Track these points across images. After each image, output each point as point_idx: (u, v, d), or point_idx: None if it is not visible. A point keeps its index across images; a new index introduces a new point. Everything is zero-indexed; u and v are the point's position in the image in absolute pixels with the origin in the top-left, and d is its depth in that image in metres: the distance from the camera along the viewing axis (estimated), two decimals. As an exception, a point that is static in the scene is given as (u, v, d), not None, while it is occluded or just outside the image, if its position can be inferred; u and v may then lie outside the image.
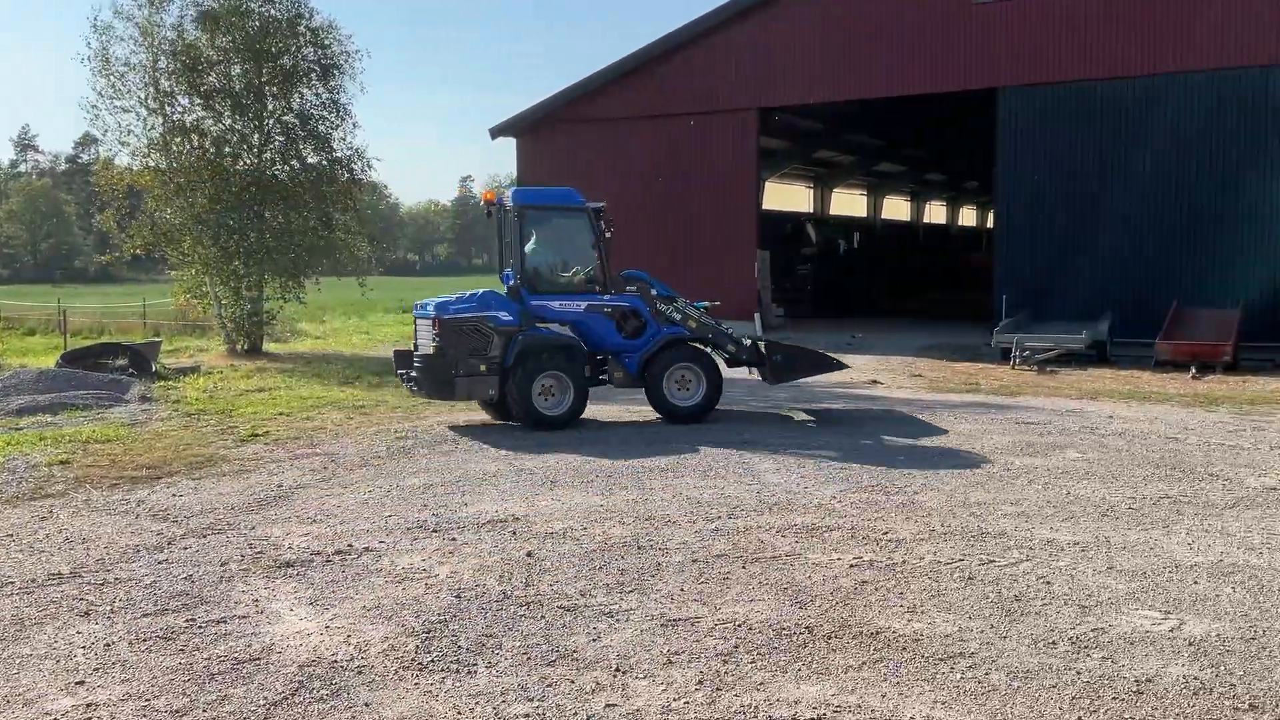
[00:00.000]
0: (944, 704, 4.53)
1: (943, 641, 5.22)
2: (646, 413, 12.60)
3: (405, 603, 5.88)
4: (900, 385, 16.00)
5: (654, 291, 12.65)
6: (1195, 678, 4.74)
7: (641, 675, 4.88)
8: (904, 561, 6.57)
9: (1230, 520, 7.54)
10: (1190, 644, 5.14)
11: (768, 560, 6.62)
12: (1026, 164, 22.53)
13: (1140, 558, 6.59)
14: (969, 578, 6.23)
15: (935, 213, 50.54)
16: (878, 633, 5.35)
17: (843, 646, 5.19)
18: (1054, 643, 5.19)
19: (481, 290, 12.58)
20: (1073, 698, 4.56)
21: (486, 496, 8.41)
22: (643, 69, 25.56)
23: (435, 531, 7.34)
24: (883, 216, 43.17)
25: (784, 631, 5.40)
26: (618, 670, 4.93)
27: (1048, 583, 6.11)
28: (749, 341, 13.23)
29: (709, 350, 12.84)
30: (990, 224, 34.97)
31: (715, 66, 24.79)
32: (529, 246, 12.53)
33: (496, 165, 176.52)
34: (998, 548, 6.87)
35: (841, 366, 13.74)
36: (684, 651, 5.14)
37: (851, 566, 6.48)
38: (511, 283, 12.31)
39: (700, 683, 4.78)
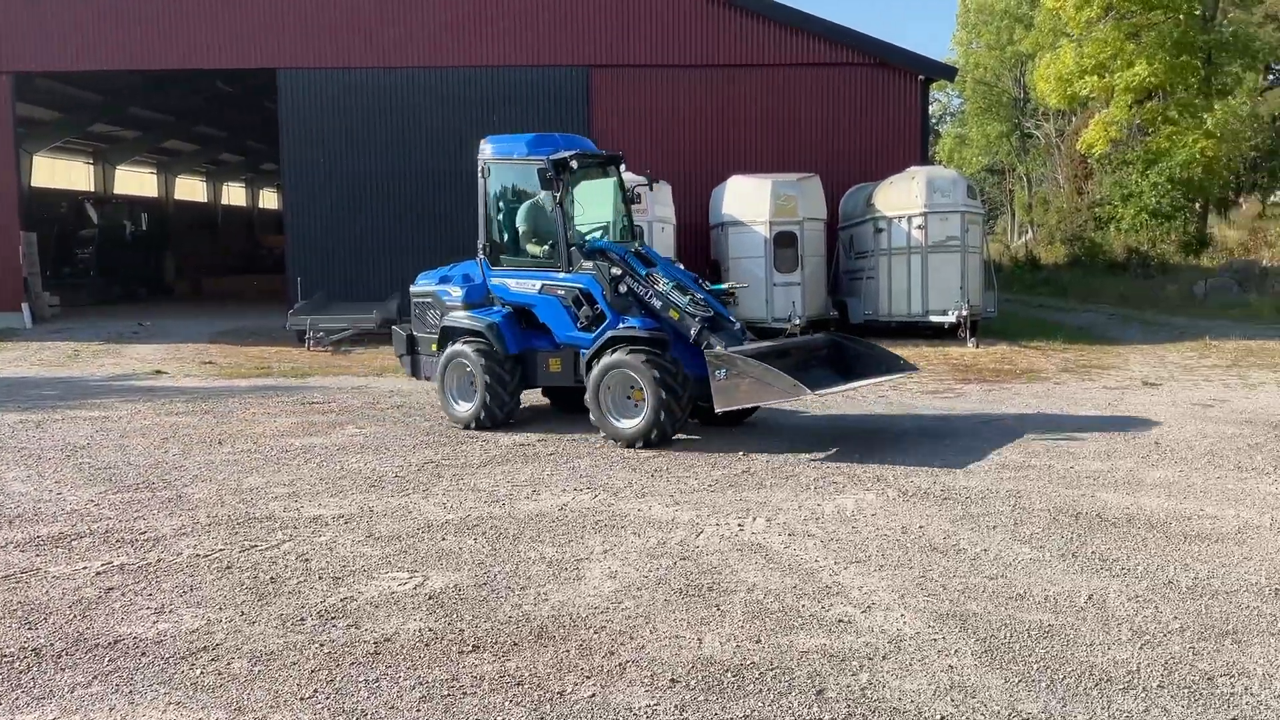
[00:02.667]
0: (179, 704, 4.32)
1: (187, 639, 4.99)
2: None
3: None
4: (189, 374, 15.23)
5: (615, 271, 9.81)
6: (430, 629, 5.07)
7: None
8: (159, 560, 6.20)
9: (483, 477, 8.26)
10: (430, 598, 5.50)
11: (-4, 581, 5.83)
12: (312, 147, 22.75)
13: (398, 522, 6.93)
14: (227, 567, 6.06)
15: (236, 195, 49.16)
16: (116, 641, 4.96)
17: (74, 664, 4.72)
18: (303, 619, 5.22)
19: (466, 262, 11.24)
20: (313, 670, 4.62)
21: None
22: None
23: None
24: (176, 197, 40.88)
25: (5, 658, 4.77)
26: None
27: (306, 560, 6.16)
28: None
29: (658, 353, 9.48)
30: (289, 206, 34.76)
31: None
32: (493, 208, 10.68)
33: None
34: (263, 532, 6.78)
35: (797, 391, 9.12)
36: None
37: (98, 574, 5.95)
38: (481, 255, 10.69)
39: (-120, 741, 4.03)
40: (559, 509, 7.22)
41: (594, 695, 4.30)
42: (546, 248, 10.38)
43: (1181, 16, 31.50)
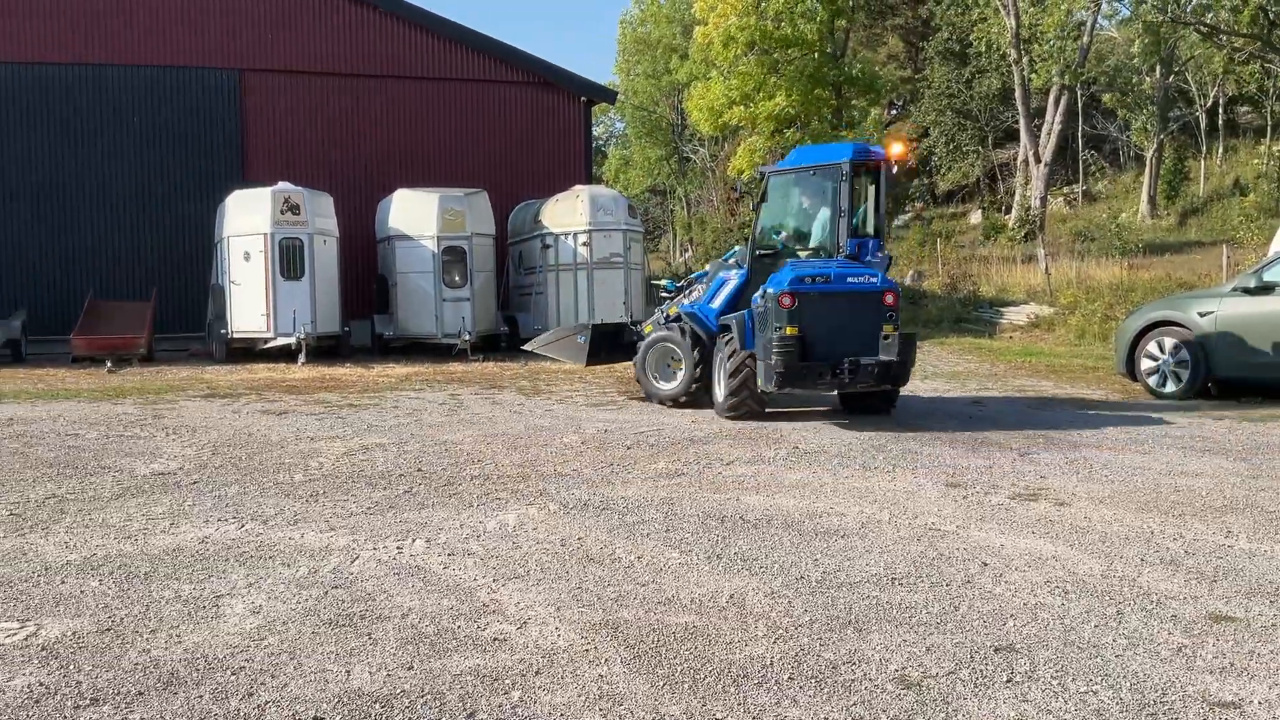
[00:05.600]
0: None
1: None
2: None
3: None
4: None
5: None
6: (41, 684, 4.54)
7: None
8: None
9: (114, 511, 7.57)
10: (44, 649, 4.93)
11: None
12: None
13: (9, 566, 6.19)
14: None
15: None
16: None
17: None
18: (-119, 687, 4.53)
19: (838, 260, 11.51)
20: (-110, 746, 4.01)
21: None
22: None
23: None
24: None
25: None
26: None
27: (-111, 617, 5.36)
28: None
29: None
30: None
31: None
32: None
33: None
34: None
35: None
36: None
37: None
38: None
39: None
40: (199, 542, 6.73)
41: (228, 742, 4.01)
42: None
43: (816, 54, 34.39)
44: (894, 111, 52.82)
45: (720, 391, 11.63)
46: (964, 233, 41.61)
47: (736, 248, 13.77)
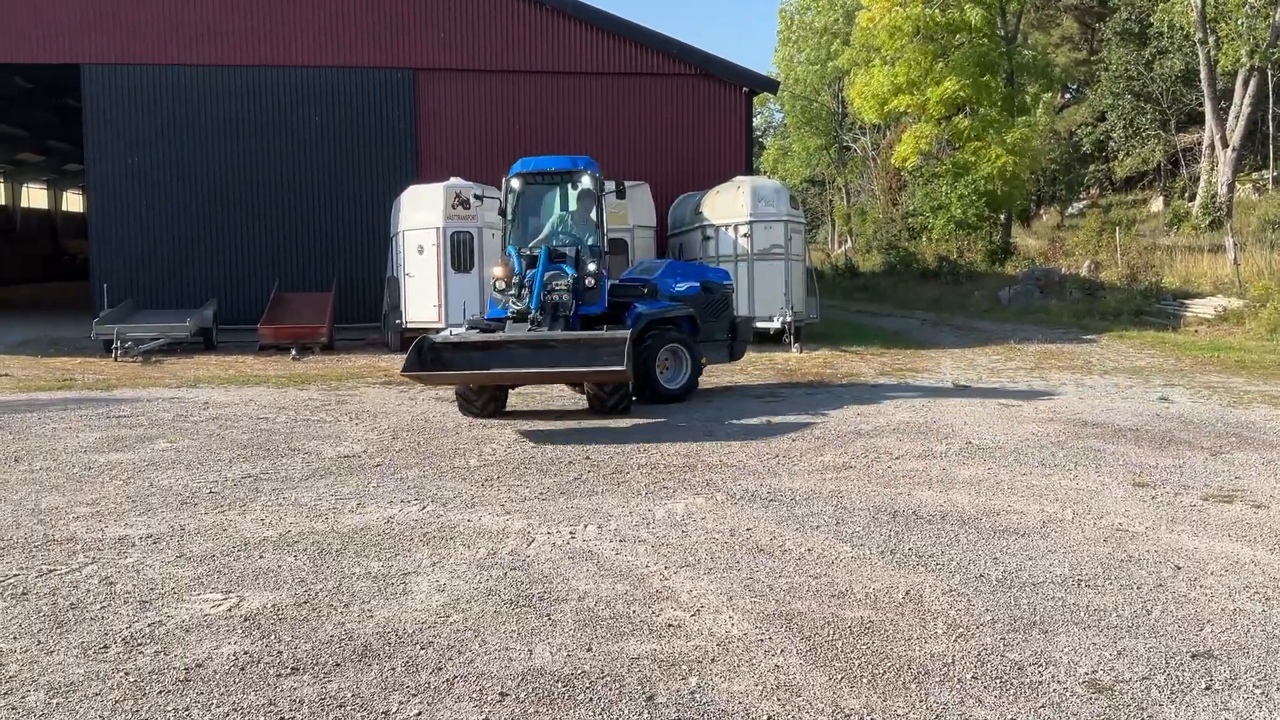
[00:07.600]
0: (-37, 746, 3.98)
1: (-26, 673, 4.61)
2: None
3: None
4: (-20, 387, 14.19)
5: None
6: (246, 652, 4.83)
7: None
8: (-56, 589, 5.72)
9: (305, 491, 7.97)
10: (246, 619, 5.24)
11: None
12: (121, 148, 21.64)
13: (211, 541, 6.60)
14: (23, 593, 5.63)
15: (36, 197, 46.26)
16: (-109, 681, 4.54)
17: None
18: (106, 647, 4.90)
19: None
20: (117, 701, 4.33)
21: None
22: None
23: None
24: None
25: None
26: None
27: (111, 583, 5.79)
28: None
29: None
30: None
31: None
32: None
33: None
34: (63, 554, 6.35)
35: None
36: None
37: None
38: None
39: None
40: (385, 522, 7.02)
41: (420, 714, 4.17)
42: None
43: (985, 39, 33.30)
44: (1067, 95, 50.70)
45: (687, 373, 12.42)
46: (1144, 220, 39.61)
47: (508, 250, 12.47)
